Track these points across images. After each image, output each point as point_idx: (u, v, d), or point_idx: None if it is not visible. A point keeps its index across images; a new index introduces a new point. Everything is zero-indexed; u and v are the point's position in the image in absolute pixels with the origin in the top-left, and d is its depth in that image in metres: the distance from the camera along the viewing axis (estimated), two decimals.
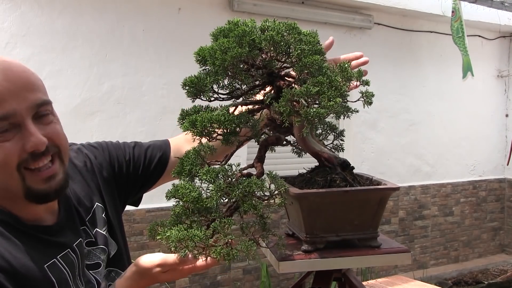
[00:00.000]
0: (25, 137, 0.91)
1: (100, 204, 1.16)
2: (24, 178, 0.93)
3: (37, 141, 0.91)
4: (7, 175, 0.92)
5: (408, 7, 4.96)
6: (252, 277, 4.43)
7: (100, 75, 3.67)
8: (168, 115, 3.85)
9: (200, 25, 3.94)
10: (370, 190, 1.07)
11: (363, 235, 1.08)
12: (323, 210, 1.03)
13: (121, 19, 3.74)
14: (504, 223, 6.36)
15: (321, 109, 0.93)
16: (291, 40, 1.00)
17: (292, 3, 4.45)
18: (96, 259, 1.09)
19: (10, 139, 0.91)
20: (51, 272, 0.95)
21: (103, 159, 1.22)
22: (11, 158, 0.91)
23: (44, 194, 0.96)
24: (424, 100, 5.48)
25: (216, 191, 0.91)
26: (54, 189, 0.97)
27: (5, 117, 0.90)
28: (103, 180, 1.20)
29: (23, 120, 0.91)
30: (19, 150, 0.91)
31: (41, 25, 3.45)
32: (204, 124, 0.96)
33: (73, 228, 1.07)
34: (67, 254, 1.00)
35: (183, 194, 0.90)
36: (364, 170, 1.16)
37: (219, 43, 0.98)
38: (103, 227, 1.13)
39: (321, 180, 1.06)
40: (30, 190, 0.94)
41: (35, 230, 0.98)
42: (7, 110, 0.90)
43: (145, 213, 3.85)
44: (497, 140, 6.20)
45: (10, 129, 0.91)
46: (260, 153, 1.05)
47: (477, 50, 5.72)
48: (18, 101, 0.91)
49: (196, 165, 0.96)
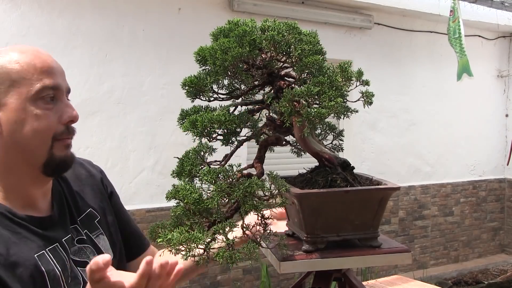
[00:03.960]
0: (63, 109, 1.06)
1: (94, 212, 1.21)
2: (53, 146, 1.05)
3: (75, 113, 1.07)
4: (41, 141, 1.04)
5: (408, 7, 4.96)
6: (252, 277, 4.43)
7: (100, 75, 3.67)
8: (168, 115, 3.85)
9: (200, 25, 3.94)
10: (370, 190, 1.06)
11: (363, 235, 1.08)
12: (324, 210, 1.03)
13: (121, 19, 3.74)
14: (504, 223, 6.36)
15: (322, 109, 0.93)
16: (291, 40, 0.99)
17: (292, 3, 4.45)
18: (85, 257, 1.11)
19: (52, 109, 1.04)
20: (41, 263, 0.99)
21: (111, 193, 1.31)
22: (52, 127, 1.04)
23: (62, 160, 1.07)
24: (424, 100, 5.48)
25: (217, 192, 0.90)
26: (70, 156, 1.09)
27: (56, 87, 1.05)
28: (106, 200, 1.27)
29: (61, 95, 1.07)
30: (57, 121, 1.05)
31: (41, 25, 3.45)
32: (205, 124, 0.96)
33: (63, 224, 1.11)
34: (55, 248, 1.04)
35: (184, 195, 0.90)
36: (364, 170, 1.15)
37: (219, 43, 0.98)
38: (93, 232, 1.17)
39: (322, 180, 1.05)
40: (52, 157, 1.05)
41: (27, 221, 1.03)
42: (58, 82, 1.06)
43: (145, 213, 3.85)
44: (497, 140, 6.20)
45: (53, 100, 1.05)
46: (259, 153, 1.04)
47: (476, 50, 5.72)
48: (62, 80, 1.08)
49: (196, 166, 0.96)
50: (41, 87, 1.02)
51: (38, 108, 1.02)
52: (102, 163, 1.21)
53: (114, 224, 1.25)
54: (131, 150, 3.83)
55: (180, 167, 0.98)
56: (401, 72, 5.31)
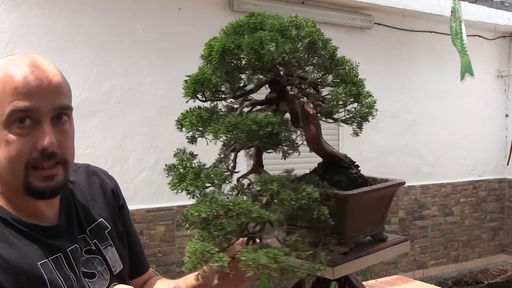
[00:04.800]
0: (39, 135, 0.96)
1: (105, 222, 1.17)
2: (28, 174, 0.97)
3: (49, 141, 0.95)
4: (13, 169, 0.97)
5: (408, 7, 4.96)
6: None
7: (100, 75, 3.67)
8: (168, 115, 3.85)
9: (200, 25, 3.94)
10: (389, 187, 1.09)
11: (376, 230, 1.11)
12: (359, 209, 1.04)
13: (121, 19, 3.74)
14: (504, 223, 6.36)
15: (366, 109, 0.93)
16: (324, 38, 0.96)
17: (292, 3, 4.45)
18: (93, 268, 1.09)
19: (26, 134, 0.95)
20: (44, 271, 0.97)
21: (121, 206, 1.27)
22: (23, 154, 0.95)
23: (40, 191, 0.99)
24: (424, 100, 5.48)
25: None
26: (50, 188, 1.00)
27: (28, 110, 0.94)
28: (117, 211, 1.23)
29: (42, 118, 0.96)
30: (31, 148, 0.95)
31: (41, 25, 3.45)
32: (251, 128, 0.85)
33: (70, 234, 1.08)
34: (57, 258, 1.01)
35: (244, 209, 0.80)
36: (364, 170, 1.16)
37: (258, 36, 0.90)
38: (102, 243, 1.14)
39: (344, 180, 1.05)
40: (29, 186, 0.98)
41: (31, 229, 1.00)
42: (31, 104, 0.95)
43: (145, 213, 3.85)
44: (497, 140, 6.20)
45: (28, 123, 0.95)
46: (258, 157, 0.98)
47: (476, 50, 5.72)
48: (44, 100, 0.96)
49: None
50: (11, 110, 0.94)
51: (11, 133, 0.94)
52: (102, 163, 1.19)
53: (123, 236, 1.22)
54: (131, 150, 3.83)
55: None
56: (401, 72, 5.31)
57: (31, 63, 0.98)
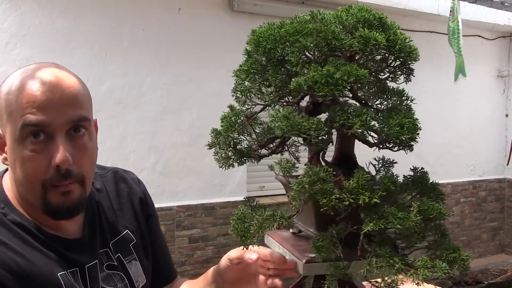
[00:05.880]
0: (53, 151, 0.91)
1: (130, 234, 1.13)
2: (46, 193, 0.93)
3: (62, 158, 0.90)
4: (31, 188, 0.93)
5: (408, 7, 4.96)
6: None
7: (100, 75, 3.67)
8: (168, 115, 3.85)
9: (200, 25, 3.94)
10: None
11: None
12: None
13: (121, 19, 3.74)
14: (504, 223, 6.36)
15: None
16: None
17: (292, 3, 4.45)
18: (112, 284, 1.05)
19: (41, 150, 0.91)
20: (63, 282, 0.94)
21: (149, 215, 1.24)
22: (39, 173, 0.91)
23: (57, 210, 0.94)
24: (424, 100, 5.47)
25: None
26: (67, 206, 0.95)
27: (40, 124, 0.89)
28: (144, 221, 1.19)
29: (55, 132, 0.91)
30: (46, 165, 0.91)
31: (41, 25, 3.45)
32: (317, 127, 0.88)
33: (92, 249, 1.04)
34: (74, 272, 0.98)
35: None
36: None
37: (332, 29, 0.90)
38: (126, 257, 1.11)
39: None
40: (47, 204, 0.93)
41: (53, 241, 0.97)
42: (43, 119, 0.89)
43: None
44: (497, 140, 6.20)
45: (42, 138, 0.90)
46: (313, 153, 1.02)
47: (476, 50, 5.72)
48: (57, 113, 0.91)
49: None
50: (22, 124, 0.89)
51: (25, 148, 0.90)
52: (102, 163, 1.18)
53: (148, 248, 1.18)
54: (131, 150, 3.83)
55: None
56: None
57: (45, 74, 0.93)
